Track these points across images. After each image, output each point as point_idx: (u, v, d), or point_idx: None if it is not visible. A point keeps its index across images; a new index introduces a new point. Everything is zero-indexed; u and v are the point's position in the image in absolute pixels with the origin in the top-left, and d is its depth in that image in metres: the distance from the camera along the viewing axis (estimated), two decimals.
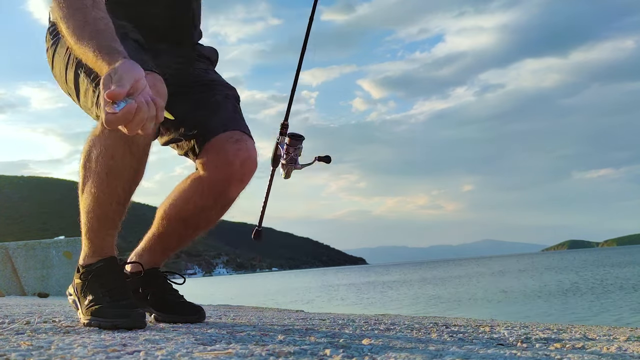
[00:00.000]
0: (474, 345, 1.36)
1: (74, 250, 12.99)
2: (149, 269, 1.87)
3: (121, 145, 1.45)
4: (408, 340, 1.43)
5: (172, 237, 1.86)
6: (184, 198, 1.77)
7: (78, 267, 1.64)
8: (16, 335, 1.38)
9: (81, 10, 1.35)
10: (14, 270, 12.32)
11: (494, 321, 3.20)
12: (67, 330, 1.53)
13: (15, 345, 1.18)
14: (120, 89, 1.14)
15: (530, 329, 1.96)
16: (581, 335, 1.71)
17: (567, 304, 11.76)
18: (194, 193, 1.75)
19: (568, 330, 1.97)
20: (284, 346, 1.21)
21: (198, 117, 1.75)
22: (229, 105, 1.80)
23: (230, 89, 1.86)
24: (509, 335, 1.66)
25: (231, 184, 1.71)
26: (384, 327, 1.90)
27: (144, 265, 1.84)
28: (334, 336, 1.48)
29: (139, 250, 1.91)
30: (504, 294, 15.97)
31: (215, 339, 1.36)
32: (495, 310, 11.02)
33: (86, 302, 1.56)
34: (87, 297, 1.57)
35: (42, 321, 1.77)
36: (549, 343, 1.46)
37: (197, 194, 1.74)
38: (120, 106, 1.14)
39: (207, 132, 1.72)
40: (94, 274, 1.59)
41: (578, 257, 74.26)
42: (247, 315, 2.78)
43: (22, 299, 7.59)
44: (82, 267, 1.62)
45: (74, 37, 1.34)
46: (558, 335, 1.71)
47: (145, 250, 1.89)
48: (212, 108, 1.76)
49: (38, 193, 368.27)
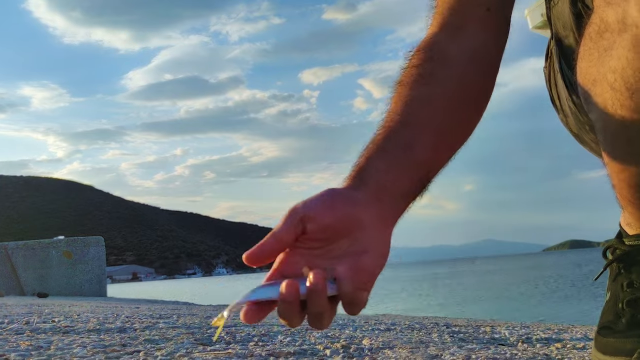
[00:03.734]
0: (474, 345, 1.36)
1: (74, 250, 13.00)
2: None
3: None
4: (408, 341, 1.42)
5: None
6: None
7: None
8: (15, 335, 1.37)
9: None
10: (13, 270, 12.32)
11: (494, 321, 3.20)
12: (66, 331, 1.53)
13: (15, 345, 1.17)
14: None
15: (531, 329, 1.96)
16: (582, 335, 1.71)
17: (567, 304, 11.77)
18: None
19: (569, 330, 1.96)
20: (283, 346, 1.21)
21: None
22: None
23: None
24: (509, 336, 1.66)
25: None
26: (384, 327, 1.89)
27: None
28: (334, 336, 1.48)
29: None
30: (504, 294, 15.98)
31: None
32: (496, 310, 11.03)
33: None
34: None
35: (41, 321, 1.77)
36: (550, 343, 1.46)
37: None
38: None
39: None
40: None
41: (579, 257, 74.30)
42: None
43: (22, 298, 7.59)
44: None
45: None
46: (559, 335, 1.71)
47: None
48: None
49: (38, 193, 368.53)
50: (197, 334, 1.47)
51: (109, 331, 1.55)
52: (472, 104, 0.81)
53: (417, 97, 0.76)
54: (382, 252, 0.65)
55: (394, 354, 1.12)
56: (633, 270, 0.86)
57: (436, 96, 0.76)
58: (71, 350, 1.09)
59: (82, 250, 13.04)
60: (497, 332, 1.77)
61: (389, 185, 0.68)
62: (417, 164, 0.71)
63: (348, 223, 0.64)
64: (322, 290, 0.59)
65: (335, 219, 0.64)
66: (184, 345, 1.22)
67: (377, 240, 0.65)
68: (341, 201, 0.65)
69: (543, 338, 1.59)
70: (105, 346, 1.16)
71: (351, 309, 0.62)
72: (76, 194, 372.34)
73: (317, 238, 0.64)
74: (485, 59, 0.83)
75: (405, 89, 0.77)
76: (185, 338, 1.35)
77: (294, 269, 0.63)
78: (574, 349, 1.31)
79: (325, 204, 0.64)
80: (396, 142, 0.71)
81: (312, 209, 0.64)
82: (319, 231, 0.64)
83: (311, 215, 0.63)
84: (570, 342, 1.47)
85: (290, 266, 0.63)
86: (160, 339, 1.32)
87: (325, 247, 0.65)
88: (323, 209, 0.64)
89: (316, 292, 0.59)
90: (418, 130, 0.73)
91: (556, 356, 1.15)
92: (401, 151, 0.71)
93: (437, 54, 0.80)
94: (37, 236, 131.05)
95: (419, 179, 0.71)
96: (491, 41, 0.84)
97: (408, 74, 0.79)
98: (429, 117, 0.75)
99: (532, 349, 1.30)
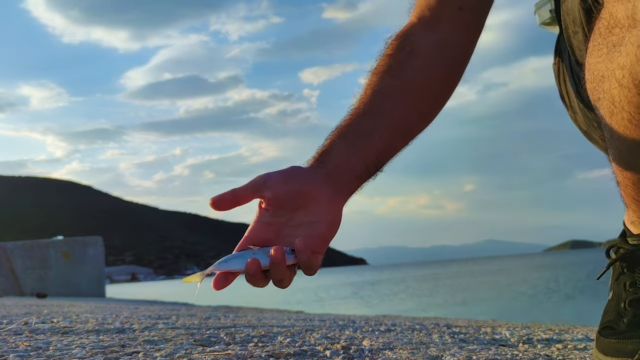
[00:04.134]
0: (475, 346, 1.35)
1: (73, 251, 13.00)
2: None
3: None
4: (409, 342, 1.42)
5: None
6: None
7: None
8: (14, 336, 1.37)
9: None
10: (12, 271, 12.31)
11: (495, 322, 3.20)
12: (65, 331, 1.53)
13: (14, 346, 1.17)
14: None
15: (532, 330, 1.95)
16: (583, 335, 1.70)
17: (568, 305, 11.78)
18: None
19: (570, 331, 1.96)
20: (283, 347, 1.20)
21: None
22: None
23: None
24: (510, 336, 1.66)
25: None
26: (385, 328, 1.89)
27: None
28: (334, 337, 1.47)
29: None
30: (505, 295, 15.99)
31: (214, 340, 1.35)
32: (496, 310, 11.03)
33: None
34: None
35: (40, 322, 1.76)
36: (550, 344, 1.45)
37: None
38: None
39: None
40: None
41: (580, 257, 74.35)
42: (247, 316, 2.77)
43: (20, 299, 7.59)
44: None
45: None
46: (560, 336, 1.70)
47: None
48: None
49: (36, 193, 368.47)
50: (197, 334, 1.47)
51: (108, 332, 1.54)
52: (433, 99, 0.90)
53: (383, 88, 0.86)
54: (334, 222, 0.79)
55: (395, 355, 1.12)
56: (636, 269, 0.85)
57: (400, 89, 0.86)
58: (70, 351, 1.09)
59: (80, 250, 13.04)
60: (498, 333, 1.77)
61: (345, 168, 0.81)
62: (373, 151, 0.83)
63: (301, 196, 0.78)
64: (282, 263, 0.74)
65: (290, 192, 0.77)
66: (183, 346, 1.21)
67: (328, 213, 0.79)
68: (299, 177, 0.78)
69: (544, 339, 1.59)
70: (104, 347, 1.16)
71: (308, 272, 0.77)
72: (75, 194, 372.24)
73: (276, 205, 0.78)
74: (452, 56, 0.91)
75: (375, 79, 0.88)
76: (184, 339, 1.34)
77: (262, 236, 0.78)
78: (575, 349, 1.31)
79: (284, 177, 0.78)
80: (357, 130, 0.83)
81: (272, 179, 0.78)
82: (276, 200, 0.77)
83: (270, 184, 0.77)
84: (572, 342, 1.47)
85: (258, 233, 0.78)
86: (159, 339, 1.32)
87: (287, 216, 0.78)
88: (281, 181, 0.78)
89: (276, 264, 0.74)
90: (378, 120, 0.84)
91: (557, 357, 1.14)
92: (360, 139, 0.83)
93: (409, 46, 0.89)
94: (35, 236, 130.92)
95: (374, 164, 0.83)
96: (460, 39, 0.91)
97: (381, 63, 0.89)
98: (391, 109, 0.85)
99: (533, 349, 1.30)
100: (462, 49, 0.91)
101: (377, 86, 0.87)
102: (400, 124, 0.86)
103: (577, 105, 1.02)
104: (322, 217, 0.78)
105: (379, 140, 0.83)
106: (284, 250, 0.74)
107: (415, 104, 0.87)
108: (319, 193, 0.78)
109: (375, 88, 0.87)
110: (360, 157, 0.82)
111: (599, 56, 0.71)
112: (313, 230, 0.77)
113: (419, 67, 0.87)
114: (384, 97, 0.86)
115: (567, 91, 1.06)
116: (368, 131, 0.83)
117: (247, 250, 0.77)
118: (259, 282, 0.75)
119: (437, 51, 0.88)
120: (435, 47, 0.89)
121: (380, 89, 0.86)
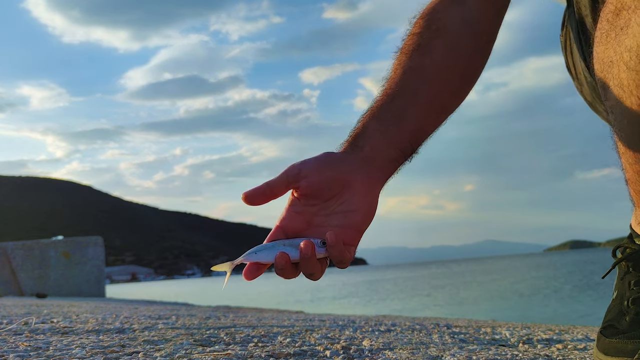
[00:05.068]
0: (475, 346, 1.35)
1: (72, 251, 12.99)
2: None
3: None
4: (409, 342, 1.42)
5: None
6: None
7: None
8: (14, 336, 1.37)
9: None
10: (12, 271, 12.30)
11: (495, 322, 3.20)
12: (65, 331, 1.53)
13: (14, 346, 1.17)
14: None
15: (532, 330, 1.95)
16: (583, 336, 1.70)
17: (568, 305, 11.77)
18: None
19: (570, 331, 1.96)
20: (283, 347, 1.20)
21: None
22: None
23: None
24: (510, 336, 1.65)
25: None
26: (385, 328, 1.89)
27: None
28: (334, 337, 1.47)
29: None
30: (505, 295, 15.99)
31: (214, 340, 1.35)
32: (496, 310, 11.03)
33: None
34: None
35: (40, 322, 1.76)
36: (550, 344, 1.45)
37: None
38: None
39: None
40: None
41: (580, 257, 74.36)
42: (247, 316, 2.77)
43: (20, 299, 7.59)
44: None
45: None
46: (560, 336, 1.70)
47: None
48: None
49: (36, 193, 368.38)
50: (197, 334, 1.47)
51: (108, 332, 1.54)
52: (463, 75, 0.87)
53: (413, 67, 0.82)
54: (369, 211, 0.75)
55: (395, 355, 1.12)
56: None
57: (430, 67, 0.83)
58: (70, 351, 1.09)
59: (80, 250, 13.03)
60: (498, 333, 1.76)
61: (380, 151, 0.77)
62: (407, 133, 0.79)
63: (337, 184, 0.74)
64: (312, 257, 0.70)
65: (326, 179, 0.73)
66: (183, 346, 1.21)
67: (364, 201, 0.75)
68: (334, 164, 0.74)
69: (544, 339, 1.59)
70: (104, 347, 1.16)
71: (340, 266, 0.73)
72: (75, 194, 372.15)
73: (311, 196, 0.74)
74: (481, 33, 0.88)
75: (404, 57, 0.84)
76: (184, 339, 1.34)
77: (293, 225, 0.74)
78: (575, 349, 1.31)
79: (319, 164, 0.74)
80: (390, 111, 0.79)
81: (306, 167, 0.74)
82: (311, 189, 0.73)
83: (305, 173, 0.73)
84: (572, 342, 1.47)
85: (290, 222, 0.74)
86: (159, 339, 1.32)
87: (320, 205, 0.74)
88: (316, 169, 0.73)
89: (306, 259, 0.70)
90: (411, 101, 0.80)
91: (557, 357, 1.14)
92: (393, 120, 0.79)
93: (436, 23, 0.86)
94: (35, 236, 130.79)
95: (409, 145, 0.79)
96: (487, 14, 0.88)
97: (408, 42, 0.86)
98: (422, 88, 0.82)
99: (533, 349, 1.30)
100: (490, 24, 0.89)
101: (407, 65, 0.83)
102: (433, 102, 0.82)
103: (584, 77, 1.01)
104: (357, 206, 0.74)
105: (413, 121, 0.79)
106: (314, 244, 0.71)
107: (446, 81, 0.84)
108: (355, 179, 0.74)
109: (405, 67, 0.83)
110: (396, 139, 0.78)
111: (607, 42, 0.69)
112: (347, 220, 0.73)
113: (448, 44, 0.84)
114: (414, 76, 0.82)
115: (573, 63, 1.05)
116: (401, 112, 0.79)
117: (277, 242, 0.73)
118: (289, 274, 0.72)
119: (465, 27, 0.86)
120: (463, 23, 0.86)
121: (410, 68, 0.83)
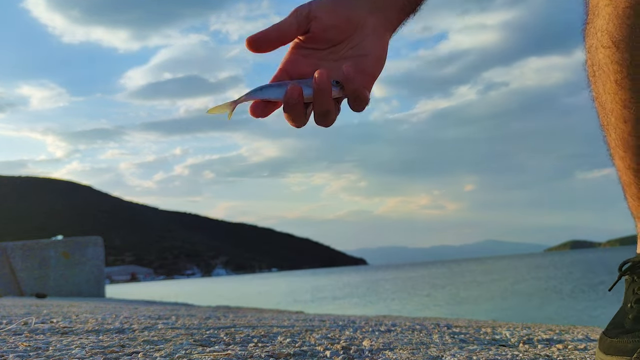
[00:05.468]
0: (475, 346, 1.35)
1: (72, 251, 12.98)
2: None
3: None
4: (409, 342, 1.41)
5: None
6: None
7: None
8: (14, 336, 1.37)
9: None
10: (12, 271, 12.29)
11: (495, 322, 3.20)
12: (65, 331, 1.52)
13: (13, 346, 1.17)
14: None
15: (532, 330, 1.95)
16: (583, 336, 1.70)
17: (569, 305, 11.77)
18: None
19: (570, 331, 1.95)
20: (283, 347, 1.20)
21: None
22: None
23: None
24: (511, 337, 1.65)
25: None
26: (385, 329, 1.89)
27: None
28: (334, 337, 1.47)
29: None
30: (505, 295, 15.98)
31: (214, 340, 1.35)
32: (497, 311, 11.02)
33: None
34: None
35: (39, 322, 1.76)
36: (551, 344, 1.45)
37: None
38: None
39: None
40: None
41: (580, 257, 74.35)
42: (247, 317, 2.77)
43: (20, 299, 7.58)
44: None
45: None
46: (560, 336, 1.70)
47: None
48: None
49: (36, 193, 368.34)
50: (196, 335, 1.47)
51: (108, 332, 1.54)
52: None
53: None
54: (381, 56, 0.69)
55: (395, 355, 1.11)
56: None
57: None
58: (70, 351, 1.09)
59: (80, 250, 13.02)
60: (498, 333, 1.76)
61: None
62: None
63: (350, 26, 0.67)
64: (327, 89, 0.62)
65: (339, 20, 0.67)
66: (183, 346, 1.21)
67: (376, 45, 0.68)
68: (345, 4, 0.68)
69: (544, 339, 1.59)
70: (104, 347, 1.15)
71: (356, 106, 0.65)
72: (75, 194, 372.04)
73: (320, 38, 0.67)
74: None
75: None
76: (184, 339, 1.34)
77: (298, 69, 0.67)
78: (576, 350, 1.31)
79: (330, 5, 0.67)
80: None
81: (317, 7, 0.67)
82: (322, 31, 0.67)
83: (316, 14, 0.66)
84: (572, 343, 1.47)
85: (295, 65, 0.67)
86: (159, 340, 1.32)
87: (328, 49, 0.68)
88: (328, 10, 0.67)
89: (321, 91, 0.62)
90: None
91: (558, 357, 1.14)
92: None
93: None
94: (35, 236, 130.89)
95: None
96: None
97: None
98: None
99: (534, 350, 1.30)
100: None
101: None
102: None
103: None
104: (368, 50, 0.68)
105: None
106: (329, 74, 0.62)
107: None
108: (368, 23, 0.68)
109: None
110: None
111: (589, 32, 0.72)
112: (359, 64, 0.67)
113: None
114: None
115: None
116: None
117: (285, 81, 0.65)
118: (299, 115, 0.64)
119: None
120: None
121: None
